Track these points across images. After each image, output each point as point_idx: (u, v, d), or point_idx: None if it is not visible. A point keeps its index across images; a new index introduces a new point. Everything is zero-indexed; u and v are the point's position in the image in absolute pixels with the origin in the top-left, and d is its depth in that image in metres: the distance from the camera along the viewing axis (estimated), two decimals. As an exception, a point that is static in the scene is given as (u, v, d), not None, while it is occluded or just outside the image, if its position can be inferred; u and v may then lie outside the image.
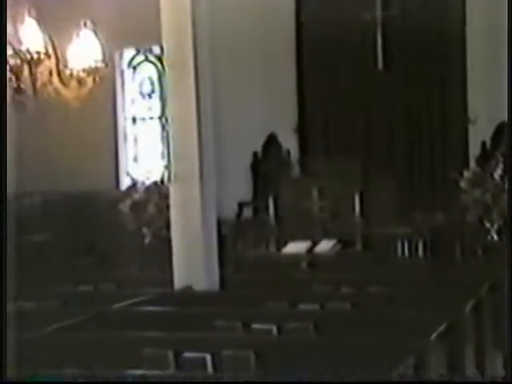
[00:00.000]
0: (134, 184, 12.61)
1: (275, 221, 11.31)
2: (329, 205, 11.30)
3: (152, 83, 14.19)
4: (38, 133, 12.42)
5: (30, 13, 7.71)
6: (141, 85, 14.26)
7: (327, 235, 10.69)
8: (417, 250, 10.47)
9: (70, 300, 7.21)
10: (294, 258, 9.93)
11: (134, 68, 14.24)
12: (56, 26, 7.89)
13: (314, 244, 10.42)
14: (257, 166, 13.03)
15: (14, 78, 7.60)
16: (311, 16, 13.02)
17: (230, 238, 9.81)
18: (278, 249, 10.69)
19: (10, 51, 7.57)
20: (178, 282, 7.73)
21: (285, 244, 10.59)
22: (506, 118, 11.51)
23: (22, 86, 7.65)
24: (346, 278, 7.77)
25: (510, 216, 9.36)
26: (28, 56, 7.56)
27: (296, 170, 12.86)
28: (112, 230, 11.74)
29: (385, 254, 10.36)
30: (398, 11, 12.60)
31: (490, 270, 8.21)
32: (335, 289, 7.20)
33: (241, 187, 12.55)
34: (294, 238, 10.58)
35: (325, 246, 10.44)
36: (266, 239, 11.01)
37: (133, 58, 14.22)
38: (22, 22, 7.65)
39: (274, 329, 5.57)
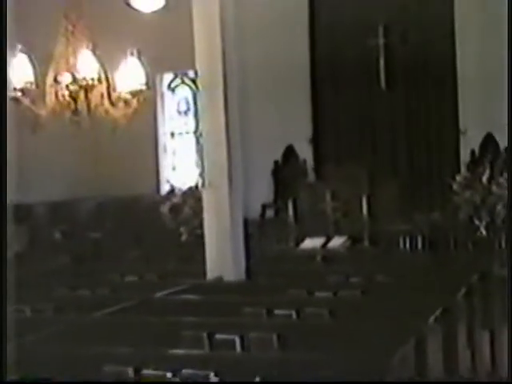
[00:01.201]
0: (173, 189, 12.62)
1: (294, 220, 11.28)
2: (340, 206, 11.25)
3: (187, 102, 14.21)
4: (92, 147, 12.47)
5: (87, 46, 7.75)
6: (178, 104, 14.29)
7: (339, 232, 10.65)
8: (417, 244, 10.41)
9: (119, 288, 7.20)
10: (311, 252, 9.88)
11: (173, 90, 14.27)
12: (107, 55, 7.91)
13: (328, 240, 10.38)
14: (277, 172, 12.99)
15: (72, 102, 7.65)
16: (324, 43, 12.99)
17: (255, 235, 9.77)
18: (297, 244, 10.65)
19: (70, 79, 7.63)
20: (210, 273, 7.70)
21: (302, 240, 10.55)
22: (491, 129, 11.45)
23: (79, 108, 7.69)
24: (355, 269, 7.72)
25: (510, 216, 9.26)
26: (84, 83, 7.60)
27: (311, 176, 12.82)
28: (154, 228, 11.74)
29: (389, 248, 10.30)
30: (397, 38, 12.56)
31: (480, 260, 8.15)
32: (346, 279, 7.14)
33: (264, 191, 12.52)
34: (310, 235, 10.54)
35: (337, 241, 10.39)
36: (286, 236, 10.98)
37: (171, 81, 14.26)
38: (81, 53, 7.69)
39: (294, 314, 5.53)
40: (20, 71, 7.59)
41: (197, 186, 11.47)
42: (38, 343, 4.96)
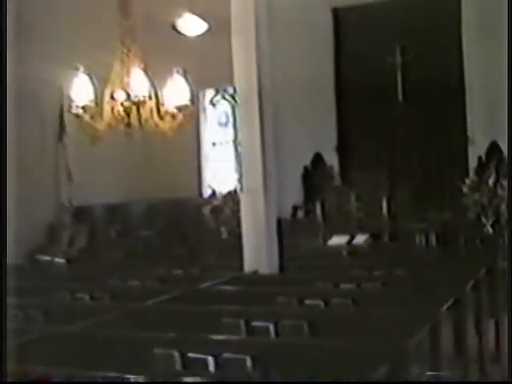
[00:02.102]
0: (214, 193, 12.66)
1: (322, 219, 11.23)
2: (363, 206, 11.20)
3: (227, 115, 14.21)
4: (143, 156, 12.54)
5: (139, 67, 7.80)
6: (219, 117, 14.29)
7: (362, 230, 10.59)
8: (431, 240, 10.32)
9: (166, 280, 7.21)
10: (337, 249, 9.84)
11: (214, 104, 14.27)
12: (156, 74, 7.96)
13: (352, 237, 10.32)
14: (307, 177, 12.95)
15: (126, 117, 7.71)
16: (348, 61, 12.96)
17: (287, 233, 9.70)
18: (324, 241, 10.60)
19: (124, 96, 7.69)
20: (247, 267, 7.69)
21: (329, 237, 10.50)
22: (496, 138, 11.34)
23: (132, 121, 7.74)
24: (376, 263, 7.67)
25: (511, 216, 9.15)
26: (137, 99, 7.64)
27: (337, 180, 12.76)
28: (197, 228, 11.77)
29: (406, 244, 10.22)
30: (413, 56, 12.48)
31: (486, 255, 8.06)
32: (368, 272, 7.09)
33: (295, 194, 12.48)
34: (337, 233, 10.49)
35: (360, 238, 10.33)
36: (315, 234, 10.94)
37: (213, 97, 14.27)
38: (134, 73, 7.74)
39: (322, 303, 5.50)
40: (82, 90, 7.66)
41: (235, 190, 11.47)
42: (96, 327, 5.00)
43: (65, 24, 11.26)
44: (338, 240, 10.30)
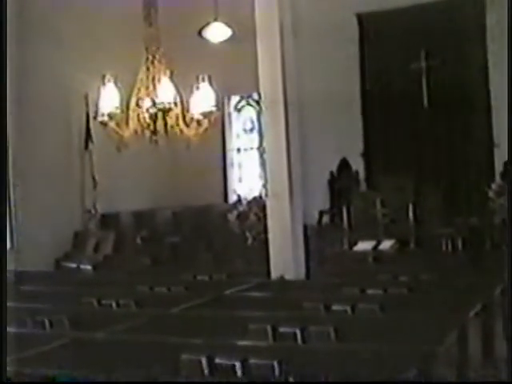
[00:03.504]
0: (239, 199, 12.65)
1: (348, 225, 11.15)
2: (389, 212, 11.12)
3: (252, 122, 14.22)
4: (168, 162, 12.61)
5: (165, 73, 7.87)
6: (244, 123, 14.31)
7: (388, 236, 10.52)
8: (457, 245, 10.24)
9: (192, 287, 7.23)
10: (363, 254, 9.80)
11: (239, 110, 14.29)
12: (182, 81, 8.02)
13: (378, 243, 10.27)
14: (333, 182, 12.90)
15: (151, 123, 7.77)
16: (373, 67, 12.91)
17: (313, 239, 9.72)
18: (350, 247, 10.55)
19: (150, 104, 7.76)
20: (274, 273, 7.71)
21: (355, 243, 10.45)
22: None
23: (157, 128, 7.81)
24: (403, 268, 7.65)
25: (510, 216, 9.06)
26: (162, 106, 7.71)
27: (363, 186, 12.70)
28: (223, 234, 11.77)
29: (433, 249, 10.15)
30: (438, 61, 12.42)
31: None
32: (395, 277, 7.06)
33: (321, 199, 12.44)
34: (363, 239, 10.44)
35: (386, 244, 10.28)
36: (341, 239, 10.88)
37: (238, 103, 14.28)
38: (159, 80, 7.81)
39: (349, 309, 5.49)
40: (107, 98, 7.73)
41: (261, 196, 11.48)
42: (122, 333, 5.03)
43: (90, 31, 11.34)
44: (363, 246, 10.26)
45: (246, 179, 14.14)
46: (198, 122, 7.99)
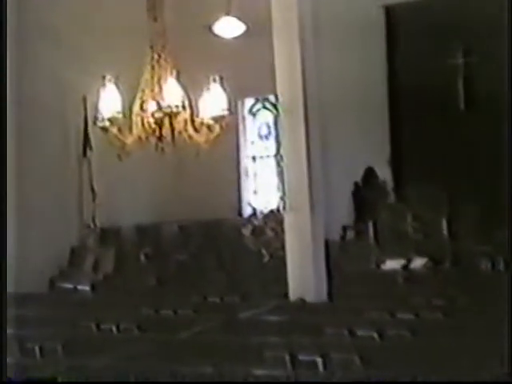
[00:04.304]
0: (254, 212, 12.69)
1: (374, 241, 11.16)
2: (421, 227, 11.11)
3: (268, 127, 14.25)
4: (176, 171, 12.65)
5: (171, 73, 7.91)
6: (259, 128, 14.35)
7: (420, 253, 10.50)
8: (497, 265, 10.20)
9: (202, 309, 7.25)
10: (392, 274, 9.79)
11: (254, 114, 14.33)
12: (190, 81, 8.05)
13: (409, 261, 10.25)
14: (358, 194, 12.91)
15: (157, 129, 7.81)
16: (402, 64, 12.93)
17: (336, 256, 9.72)
18: (378, 266, 10.55)
19: (155, 107, 7.79)
20: (292, 294, 7.71)
21: (383, 261, 10.45)
22: None
23: (164, 134, 7.84)
24: (437, 290, 7.62)
25: (510, 217, 9.03)
26: (169, 110, 7.74)
27: (391, 197, 12.70)
28: (236, 250, 11.80)
29: (470, 269, 10.12)
30: (476, 58, 12.40)
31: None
32: (428, 300, 7.05)
33: (344, 213, 12.46)
34: (391, 256, 10.43)
35: (418, 262, 10.26)
36: (367, 257, 10.87)
37: (252, 106, 14.33)
38: (165, 82, 7.84)
39: (376, 335, 5.49)
40: (109, 101, 7.77)
41: (278, 209, 11.51)
42: (122, 361, 5.05)
43: (89, 28, 11.44)
44: (392, 264, 10.25)
45: (262, 190, 14.17)
46: (209, 128, 8.01)
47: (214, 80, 8.10)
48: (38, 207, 11.17)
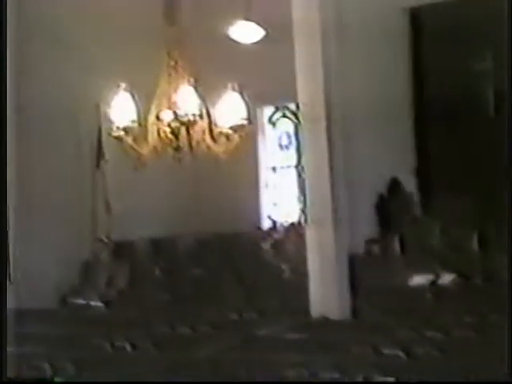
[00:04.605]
0: (274, 225, 12.68)
1: (401, 256, 11.12)
2: (449, 241, 11.07)
3: (289, 136, 14.24)
4: (193, 183, 12.68)
5: (188, 81, 7.94)
6: (279, 138, 14.35)
7: (449, 269, 10.46)
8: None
9: (220, 326, 7.25)
10: (419, 290, 9.75)
11: (273, 123, 14.34)
12: (208, 89, 8.08)
13: (437, 277, 10.21)
14: (382, 206, 12.86)
15: (174, 139, 7.83)
16: (428, 69, 12.92)
17: (360, 271, 9.70)
18: (404, 281, 10.51)
19: (171, 116, 7.82)
20: (314, 311, 7.70)
21: (410, 277, 10.41)
22: None
23: (180, 144, 7.86)
24: (467, 307, 7.59)
25: (510, 219, 8.97)
26: (186, 119, 7.76)
27: (418, 210, 12.66)
28: (255, 265, 11.79)
29: (502, 284, 10.06)
30: (506, 62, 12.36)
31: None
32: (458, 317, 7.02)
33: (368, 226, 12.41)
34: (418, 272, 10.40)
35: (446, 278, 10.22)
36: (393, 273, 10.84)
37: (272, 115, 14.34)
38: (182, 89, 7.87)
39: (403, 354, 5.47)
40: (123, 110, 7.81)
41: (299, 222, 11.50)
42: (138, 381, 5.07)
43: (102, 34, 11.51)
44: (419, 280, 10.21)
45: (282, 202, 14.16)
46: (228, 137, 8.03)
47: (233, 88, 8.13)
48: (48, 220, 11.24)
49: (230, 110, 8.06)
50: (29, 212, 10.99)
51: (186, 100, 7.77)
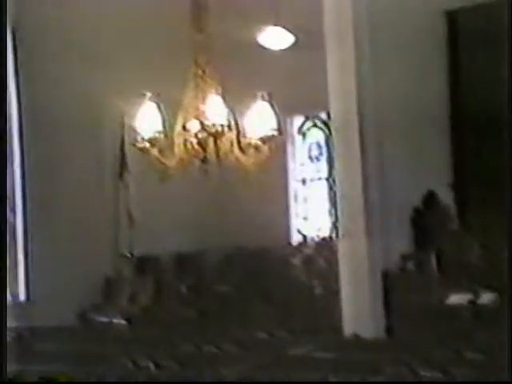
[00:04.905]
0: (305, 240, 12.69)
1: (437, 273, 11.08)
2: (489, 257, 11.02)
3: (319, 147, 14.25)
4: (220, 195, 12.69)
5: (216, 91, 7.99)
6: (309, 149, 14.36)
7: (488, 287, 10.42)
8: None
9: (247, 345, 7.25)
10: (457, 309, 9.71)
11: (303, 134, 14.36)
12: (236, 99, 8.11)
13: (476, 296, 10.17)
14: (418, 220, 12.83)
15: (201, 150, 7.87)
16: (466, 77, 12.88)
17: (395, 289, 9.69)
18: (441, 300, 10.48)
19: (198, 127, 7.86)
20: (347, 329, 7.71)
21: (447, 295, 10.38)
22: None
23: (208, 156, 7.90)
24: (508, 328, 7.53)
25: (510, 221, 8.87)
26: (213, 130, 7.80)
27: (455, 224, 12.61)
28: (285, 282, 11.80)
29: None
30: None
31: None
32: (498, 339, 6.97)
33: (403, 241, 12.39)
34: (456, 290, 10.36)
35: (486, 297, 10.17)
36: (429, 290, 10.81)
37: (302, 125, 14.35)
38: (210, 99, 7.91)
39: (441, 376, 5.46)
40: (149, 121, 7.86)
41: (331, 237, 11.51)
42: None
43: (127, 42, 11.59)
44: (458, 298, 10.17)
45: (313, 216, 14.16)
46: (257, 149, 8.05)
47: (262, 97, 8.14)
48: (69, 234, 11.32)
49: (259, 120, 8.07)
50: (46, 226, 11.10)
51: (214, 110, 7.81)
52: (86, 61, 11.14)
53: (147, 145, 7.88)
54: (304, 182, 14.41)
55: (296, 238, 13.69)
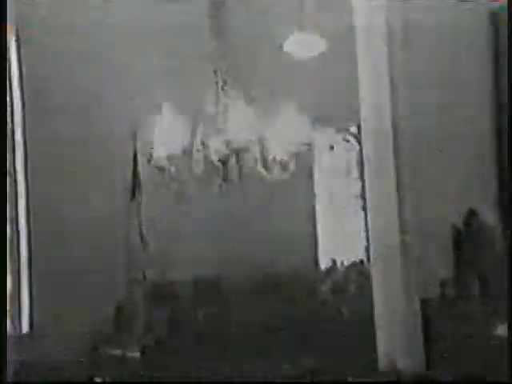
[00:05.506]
0: (334, 264, 12.70)
1: (482, 300, 11.05)
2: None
3: (349, 162, 14.28)
4: (241, 216, 12.71)
5: (238, 101, 8.04)
6: (339, 164, 14.38)
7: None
8: None
9: (271, 378, 7.29)
10: (505, 340, 9.68)
11: (332, 148, 14.38)
12: (260, 111, 8.14)
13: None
14: (458, 242, 12.84)
15: (221, 167, 7.91)
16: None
17: (434, 317, 9.69)
18: (487, 329, 10.45)
19: (220, 142, 7.90)
20: (382, 362, 7.72)
21: (494, 325, 10.35)
22: None
23: (229, 174, 7.94)
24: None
25: (510, 221, 8.85)
26: (235, 146, 7.84)
27: (500, 246, 12.60)
28: (312, 309, 11.79)
29: None
30: None
31: None
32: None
33: (443, 265, 12.41)
34: (504, 319, 10.34)
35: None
36: (473, 319, 10.79)
37: (331, 138, 14.36)
38: (231, 112, 7.96)
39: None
40: (165, 136, 7.91)
41: (362, 261, 11.52)
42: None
43: (143, 51, 11.68)
44: (506, 329, 10.14)
45: (343, 238, 14.15)
46: (282, 165, 8.08)
47: (288, 109, 8.17)
48: (77, 258, 11.37)
49: (285, 134, 8.08)
50: (51, 250, 11.19)
51: (236, 124, 7.84)
52: (100, 70, 11.27)
53: (164, 162, 7.92)
54: (332, 199, 14.40)
55: (324, 262, 13.69)
